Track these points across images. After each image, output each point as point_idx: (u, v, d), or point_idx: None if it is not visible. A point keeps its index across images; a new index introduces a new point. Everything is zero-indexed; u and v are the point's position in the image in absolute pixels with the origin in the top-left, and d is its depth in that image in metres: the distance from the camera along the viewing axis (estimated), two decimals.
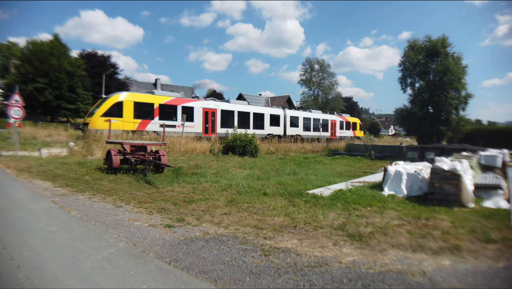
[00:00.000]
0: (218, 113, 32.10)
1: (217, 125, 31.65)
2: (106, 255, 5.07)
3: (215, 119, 31.85)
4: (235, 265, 4.85)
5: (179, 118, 29.09)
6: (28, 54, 42.48)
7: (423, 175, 9.87)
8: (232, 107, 34.05)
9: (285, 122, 39.40)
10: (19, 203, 8.31)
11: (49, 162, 15.16)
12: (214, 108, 31.89)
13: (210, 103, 32.58)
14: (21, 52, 48.72)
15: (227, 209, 8.04)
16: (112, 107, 25.83)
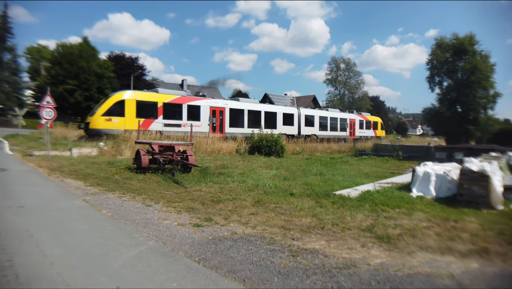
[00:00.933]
0: (227, 112, 31.29)
1: (226, 124, 30.94)
2: (136, 253, 5.16)
3: (224, 118, 31.10)
4: (263, 265, 4.85)
5: (184, 117, 28.64)
6: (58, 56, 43.62)
7: (452, 176, 9.66)
8: (242, 105, 33.09)
9: (300, 121, 37.98)
10: (51, 201, 8.54)
11: (80, 161, 15.52)
12: (222, 107, 31.14)
13: (218, 101, 31.95)
14: (51, 55, 50.05)
15: (254, 209, 8.06)
16: (114, 106, 25.59)
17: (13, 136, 29.78)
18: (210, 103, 30.61)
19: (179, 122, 28.37)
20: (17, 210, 7.47)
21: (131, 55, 52.90)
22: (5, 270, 4.45)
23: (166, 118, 27.66)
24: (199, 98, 31.11)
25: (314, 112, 41.20)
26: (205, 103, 30.24)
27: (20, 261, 4.74)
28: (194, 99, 30.22)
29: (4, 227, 6.25)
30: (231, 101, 33.45)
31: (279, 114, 36.08)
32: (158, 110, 27.40)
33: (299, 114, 38.17)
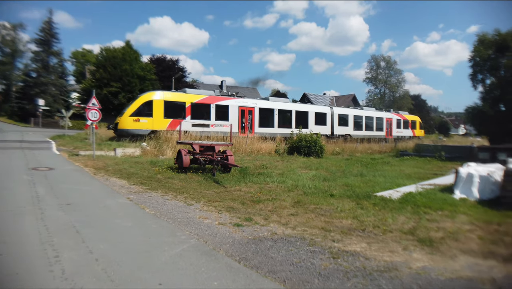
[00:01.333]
0: (256, 112, 30.59)
1: (255, 124, 30.29)
2: (178, 251, 5.25)
3: (253, 118, 30.43)
4: (303, 267, 4.82)
5: (212, 117, 28.30)
6: (103, 60, 45.08)
7: (495, 178, 9.26)
8: (272, 105, 32.24)
9: (333, 120, 36.64)
10: (97, 199, 8.83)
11: (124, 161, 15.94)
12: (251, 106, 30.50)
13: (247, 101, 31.30)
14: (96, 58, 51.77)
15: (294, 210, 8.02)
16: (142, 106, 25.69)
17: (60, 137, 30.85)
18: (239, 102, 30.16)
19: (207, 122, 28.02)
20: (64, 207, 7.76)
21: (171, 57, 53.99)
22: (52, 265, 4.62)
23: (194, 118, 27.40)
24: (227, 98, 30.67)
25: (348, 111, 39.89)
26: (233, 102, 29.80)
27: (66, 256, 4.92)
28: (222, 99, 29.86)
29: (52, 223, 6.49)
30: (261, 101, 32.87)
31: (311, 113, 34.97)
32: (186, 110, 27.26)
33: (332, 114, 37.02)
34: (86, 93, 46.32)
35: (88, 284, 4.12)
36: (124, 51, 45.33)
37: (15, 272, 4.39)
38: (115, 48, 46.65)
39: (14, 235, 5.82)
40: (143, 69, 45.27)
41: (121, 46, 47.46)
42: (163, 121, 26.20)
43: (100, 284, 4.14)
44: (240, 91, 60.46)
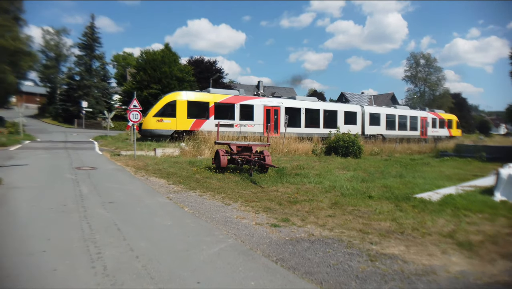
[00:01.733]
0: (282, 111, 29.98)
1: (281, 124, 29.50)
2: (216, 251, 5.31)
3: (278, 117, 29.92)
4: (340, 269, 4.78)
5: (236, 117, 28.09)
6: (143, 63, 46.09)
7: None
8: (299, 104, 31.57)
9: (363, 120, 35.63)
10: (137, 198, 9.04)
11: (163, 161, 16.25)
12: (277, 105, 30.07)
13: (273, 100, 30.90)
14: (136, 61, 52.99)
15: (332, 211, 7.95)
16: (165, 107, 25.87)
17: (102, 137, 31.81)
18: (264, 102, 29.85)
19: (231, 122, 27.83)
20: (107, 205, 8.00)
21: (209, 59, 54.69)
22: (94, 261, 4.77)
23: (218, 118, 26.91)
24: (252, 98, 30.46)
25: (380, 110, 38.73)
26: (258, 102, 29.52)
27: (108, 254, 5.07)
28: (247, 98, 29.57)
29: (95, 221, 6.71)
30: (287, 100, 32.29)
31: (340, 112, 34.16)
32: (210, 110, 27.20)
33: (363, 112, 35.99)
34: (127, 95, 47.53)
35: (129, 281, 4.23)
36: (164, 53, 46.17)
37: (53, 268, 4.55)
38: (154, 51, 47.60)
39: (58, 232, 6.04)
40: (182, 71, 45.95)
41: (160, 49, 48.34)
42: (186, 121, 26.30)
43: (140, 281, 4.24)
44: (277, 91, 60.56)
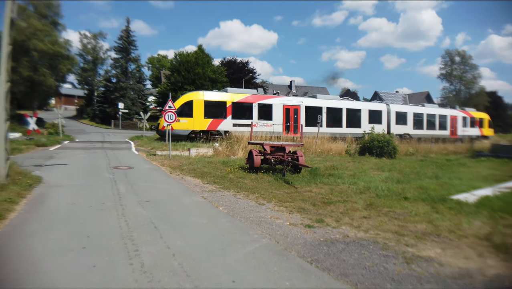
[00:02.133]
0: (302, 110, 29.58)
1: (301, 123, 28.26)
2: (251, 250, 5.33)
3: (298, 117, 29.43)
4: (376, 271, 4.71)
5: (255, 116, 27.79)
6: (177, 64, 46.88)
7: None
8: (320, 103, 30.95)
9: (389, 119, 34.57)
10: (173, 197, 9.18)
11: (198, 160, 16.42)
12: (297, 104, 29.59)
13: (292, 99, 30.38)
14: (170, 63, 53.87)
15: (366, 213, 7.83)
16: (182, 107, 25.92)
17: (138, 137, 32.48)
18: (284, 101, 29.43)
19: (249, 122, 26.82)
20: (143, 204, 8.16)
21: (242, 59, 54.96)
22: (131, 258, 4.88)
23: (235, 118, 27.19)
24: (271, 97, 30.04)
25: (407, 108, 37.55)
26: (277, 101, 29.14)
27: (145, 251, 5.17)
28: (265, 97, 29.25)
29: (132, 219, 6.86)
30: (308, 99, 31.75)
31: (364, 111, 33.31)
32: (227, 110, 27.08)
33: (389, 111, 34.90)
34: (162, 96, 48.39)
35: (166, 278, 4.30)
36: (197, 55, 46.78)
37: (92, 265, 4.68)
38: (188, 53, 48.36)
39: (97, 230, 6.20)
40: (215, 72, 46.44)
41: (193, 51, 49.06)
42: (203, 121, 26.35)
43: (176, 278, 4.31)
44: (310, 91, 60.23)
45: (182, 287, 4.12)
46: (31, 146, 21.82)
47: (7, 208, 7.26)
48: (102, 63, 70.68)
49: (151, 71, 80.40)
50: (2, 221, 6.51)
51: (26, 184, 9.43)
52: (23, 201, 8.14)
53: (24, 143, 21.93)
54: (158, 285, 4.12)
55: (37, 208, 7.63)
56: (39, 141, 23.70)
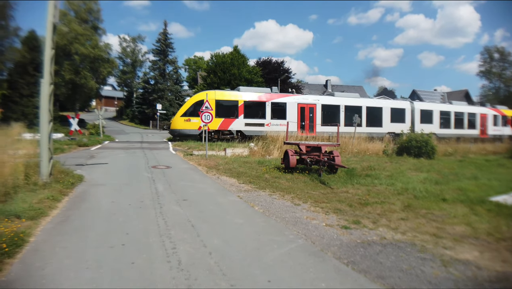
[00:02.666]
0: (318, 109, 28.79)
1: (317, 122, 28.35)
2: (287, 250, 5.32)
3: (314, 116, 28.66)
4: (413, 274, 4.64)
5: (268, 116, 27.41)
6: (213, 66, 47.36)
7: None
8: (337, 101, 30.03)
9: (413, 117, 33.11)
10: (210, 196, 9.28)
11: (233, 160, 16.52)
12: (312, 103, 28.85)
13: (308, 97, 29.71)
14: (206, 64, 54.48)
15: (404, 214, 7.68)
16: (193, 106, 25.90)
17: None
18: (298, 99, 28.88)
19: (262, 121, 27.25)
20: (181, 202, 8.30)
21: (277, 59, 54.75)
22: (169, 256, 4.98)
23: (248, 117, 26.92)
24: (285, 95, 29.53)
25: (433, 106, 35.50)
26: (291, 100, 28.62)
27: (182, 249, 5.27)
28: (279, 96, 28.73)
29: (170, 218, 6.99)
30: (324, 97, 31.00)
31: (386, 109, 32.02)
32: (239, 109, 26.82)
33: (413, 109, 33.45)
34: None
35: (202, 276, 4.36)
36: (232, 56, 47.09)
37: (131, 261, 4.81)
38: (224, 54, 48.81)
39: (136, 227, 6.36)
40: (250, 72, 46.59)
41: (229, 52, 49.47)
42: (214, 120, 26.08)
43: (213, 277, 4.36)
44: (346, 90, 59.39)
45: (218, 285, 4.17)
46: (73, 146, 22.58)
47: (50, 206, 7.56)
48: (141, 66, 72.38)
49: (188, 72, 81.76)
50: (45, 218, 6.78)
51: (68, 183, 9.76)
52: (65, 199, 8.45)
53: (66, 144, 22.73)
54: (195, 283, 4.19)
55: (78, 206, 7.90)
56: (81, 142, 24.46)
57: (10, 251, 4.92)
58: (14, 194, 7.79)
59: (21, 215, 6.55)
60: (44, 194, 8.13)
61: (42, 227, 6.30)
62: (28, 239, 5.56)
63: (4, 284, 4.13)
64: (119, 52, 70.00)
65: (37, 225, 6.36)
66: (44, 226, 6.36)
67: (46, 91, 9.48)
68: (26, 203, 7.17)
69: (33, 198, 7.67)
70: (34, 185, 8.77)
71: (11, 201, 7.32)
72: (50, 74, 9.61)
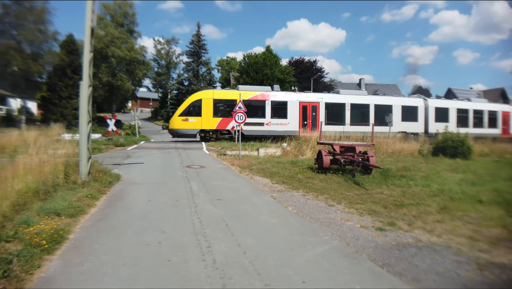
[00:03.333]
0: (321, 107, 28.08)
1: (320, 121, 26.56)
2: (321, 251, 5.30)
3: (317, 114, 27.96)
4: (448, 277, 4.56)
5: (267, 115, 27.00)
6: (245, 66, 47.55)
7: None
8: (342, 98, 29.12)
9: (427, 116, 31.73)
10: (243, 196, 9.33)
11: (266, 160, 16.51)
12: (315, 101, 28.20)
13: (311, 96, 28.99)
14: (239, 65, 54.76)
15: (440, 216, 7.51)
16: (191, 106, 25.91)
17: None
18: (300, 98, 28.28)
19: (261, 120, 26.86)
20: (215, 202, 8.38)
21: (309, 59, 54.45)
22: (204, 254, 5.04)
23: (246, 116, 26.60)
24: (286, 93, 28.95)
25: (449, 104, 33.77)
26: (293, 98, 28.08)
27: (217, 248, 5.32)
28: (279, 94, 28.07)
29: (205, 217, 7.07)
30: (328, 94, 30.19)
31: (396, 107, 30.52)
32: None
33: (426, 107, 31.95)
34: None
35: (237, 276, 4.39)
36: (265, 56, 47.14)
37: (167, 259, 4.89)
38: (256, 54, 48.90)
39: (172, 226, 6.47)
40: (283, 72, 46.51)
41: (261, 52, 49.56)
42: (212, 120, 26.11)
43: (247, 276, 4.39)
44: (380, 89, 58.46)
45: (252, 284, 4.19)
46: (110, 146, 23.15)
47: (89, 204, 7.80)
48: (175, 67, 73.72)
49: (220, 73, 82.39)
50: (83, 216, 7.00)
51: (106, 181, 10.03)
52: (103, 197, 8.69)
53: (103, 144, 23.35)
54: (229, 282, 4.22)
55: (116, 204, 8.11)
56: (118, 142, 25.09)
57: (50, 247, 5.11)
58: (54, 192, 8.07)
59: (60, 212, 6.79)
60: (83, 192, 8.39)
61: (81, 224, 6.50)
62: (68, 236, 5.75)
63: (43, 280, 4.27)
64: (153, 55, 71.59)
65: (76, 222, 6.56)
66: (83, 223, 6.56)
67: (85, 93, 9.76)
68: (66, 201, 7.41)
69: (72, 196, 7.92)
70: (74, 183, 9.06)
71: (51, 199, 7.58)
72: (88, 77, 9.89)
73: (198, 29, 64.19)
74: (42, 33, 40.59)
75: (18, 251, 4.77)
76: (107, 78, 45.76)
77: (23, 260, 4.57)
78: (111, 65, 47.33)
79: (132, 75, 50.75)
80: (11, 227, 5.74)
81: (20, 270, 4.34)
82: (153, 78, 72.23)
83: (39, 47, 40.92)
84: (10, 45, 38.64)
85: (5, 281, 4.09)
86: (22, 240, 5.24)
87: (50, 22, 42.38)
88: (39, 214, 6.64)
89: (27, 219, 6.11)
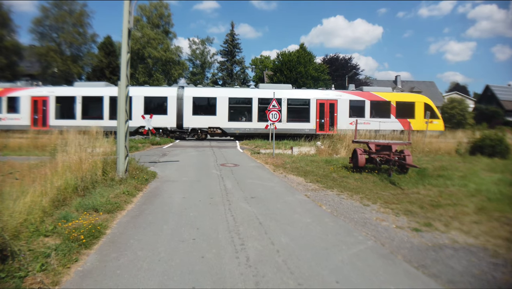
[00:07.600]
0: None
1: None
2: (356, 252, 5.24)
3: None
4: (484, 280, 4.45)
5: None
6: (279, 64, 47.60)
7: None
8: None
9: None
10: (277, 194, 9.31)
11: (300, 159, 16.44)
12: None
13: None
14: (272, 63, 54.79)
15: (477, 217, 7.27)
16: None
17: None
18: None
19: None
20: (249, 200, 8.43)
21: (344, 56, 54.05)
22: (238, 252, 5.08)
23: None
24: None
25: None
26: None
27: (251, 245, 5.35)
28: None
29: (238, 214, 7.12)
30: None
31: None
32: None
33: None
34: None
35: (270, 274, 4.41)
36: (299, 54, 47.01)
37: (201, 256, 4.96)
38: (290, 52, 48.83)
39: (206, 223, 6.55)
40: (317, 70, 46.28)
41: (296, 50, 49.40)
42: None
43: (280, 275, 4.39)
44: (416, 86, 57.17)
45: (285, 283, 4.20)
46: (147, 144, 23.74)
47: (126, 200, 8.00)
48: (210, 67, 74.35)
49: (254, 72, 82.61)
50: (121, 212, 7.20)
51: (142, 179, 10.26)
52: (140, 194, 8.91)
53: (140, 142, 23.96)
54: (262, 280, 4.24)
55: (152, 201, 8.28)
56: (154, 140, 25.64)
57: (87, 242, 5.27)
58: (93, 189, 8.36)
59: (98, 208, 7.00)
60: (120, 189, 8.62)
61: (118, 220, 6.68)
62: (105, 231, 5.93)
63: (80, 273, 4.41)
64: (189, 55, 72.49)
65: (114, 218, 6.75)
66: (120, 219, 6.74)
67: (123, 93, 10.01)
68: (104, 198, 7.64)
69: (110, 192, 8.16)
70: (111, 180, 9.34)
71: (89, 196, 7.84)
72: (126, 77, 10.13)
73: (232, 28, 64.89)
74: (81, 35, 42.01)
75: (56, 245, 4.96)
76: (144, 79, 46.78)
77: (61, 254, 4.73)
78: (147, 65, 48.35)
79: (168, 75, 51.68)
80: (50, 222, 5.98)
81: (57, 264, 4.50)
82: (188, 78, 73.12)
83: (78, 49, 42.38)
84: (50, 47, 40.18)
85: (42, 274, 4.24)
86: (61, 234, 5.43)
87: (88, 25, 43.89)
88: (78, 209, 6.88)
89: (66, 214, 6.33)
